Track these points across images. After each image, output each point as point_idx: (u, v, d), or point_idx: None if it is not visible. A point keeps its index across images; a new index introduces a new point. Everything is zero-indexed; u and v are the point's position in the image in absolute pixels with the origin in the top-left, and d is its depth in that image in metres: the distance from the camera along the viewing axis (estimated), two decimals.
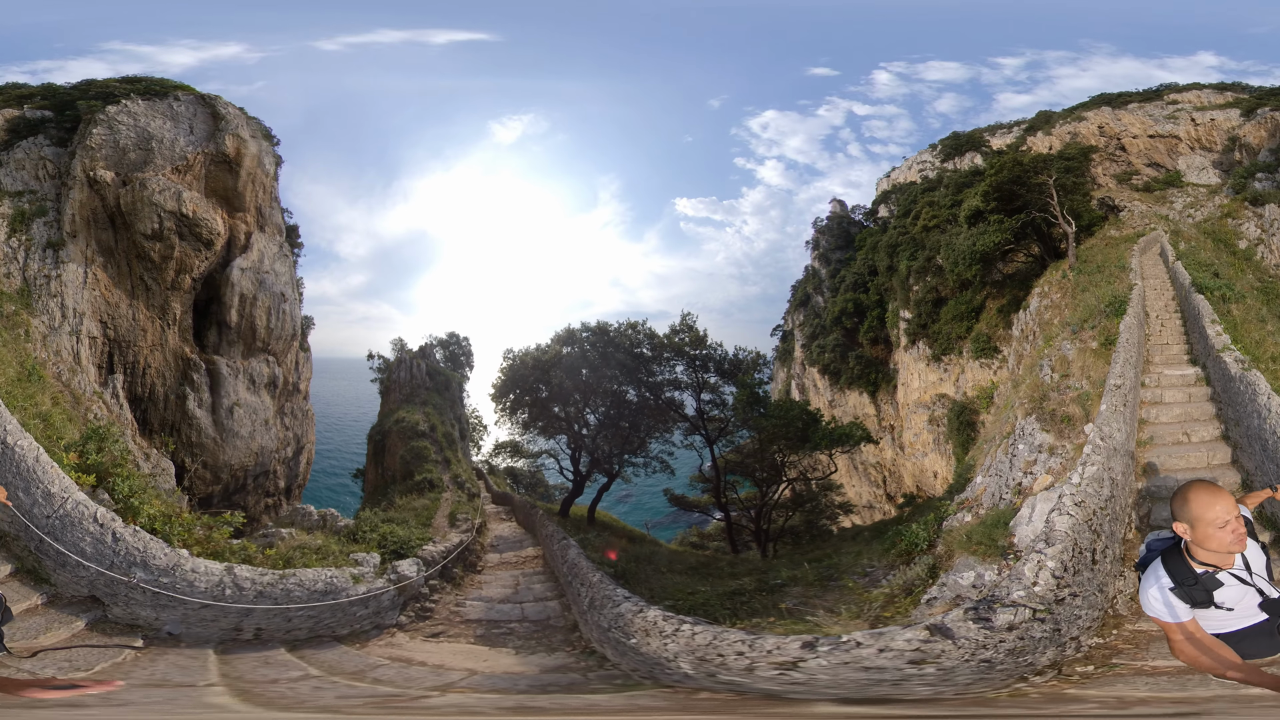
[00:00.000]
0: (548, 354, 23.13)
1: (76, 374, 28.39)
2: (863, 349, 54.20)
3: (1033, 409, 6.42)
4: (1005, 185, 25.08)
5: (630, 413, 23.09)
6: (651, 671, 4.38)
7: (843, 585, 6.82)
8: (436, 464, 31.76)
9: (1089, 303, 11.75)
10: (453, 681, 5.16)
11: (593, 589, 6.11)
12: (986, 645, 2.97)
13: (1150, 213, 35.82)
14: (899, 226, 50.79)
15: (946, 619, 3.12)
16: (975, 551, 4.36)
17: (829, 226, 69.22)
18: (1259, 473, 5.42)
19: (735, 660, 3.54)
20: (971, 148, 55.33)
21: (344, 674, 5.36)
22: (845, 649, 3.10)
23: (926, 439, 43.16)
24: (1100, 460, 4.09)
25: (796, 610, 6.09)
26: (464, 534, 14.49)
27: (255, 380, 37.97)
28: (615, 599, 5.16)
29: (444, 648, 6.56)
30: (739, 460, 27.64)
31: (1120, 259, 21.02)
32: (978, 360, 35.35)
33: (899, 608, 5.15)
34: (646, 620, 4.47)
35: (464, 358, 64.34)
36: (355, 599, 6.90)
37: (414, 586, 8.17)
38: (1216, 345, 8.05)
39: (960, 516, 6.07)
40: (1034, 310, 22.81)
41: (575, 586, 7.43)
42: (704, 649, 3.84)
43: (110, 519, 6.46)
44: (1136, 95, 54.03)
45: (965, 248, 26.70)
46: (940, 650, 2.94)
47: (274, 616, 6.52)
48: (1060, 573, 3.30)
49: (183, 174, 32.38)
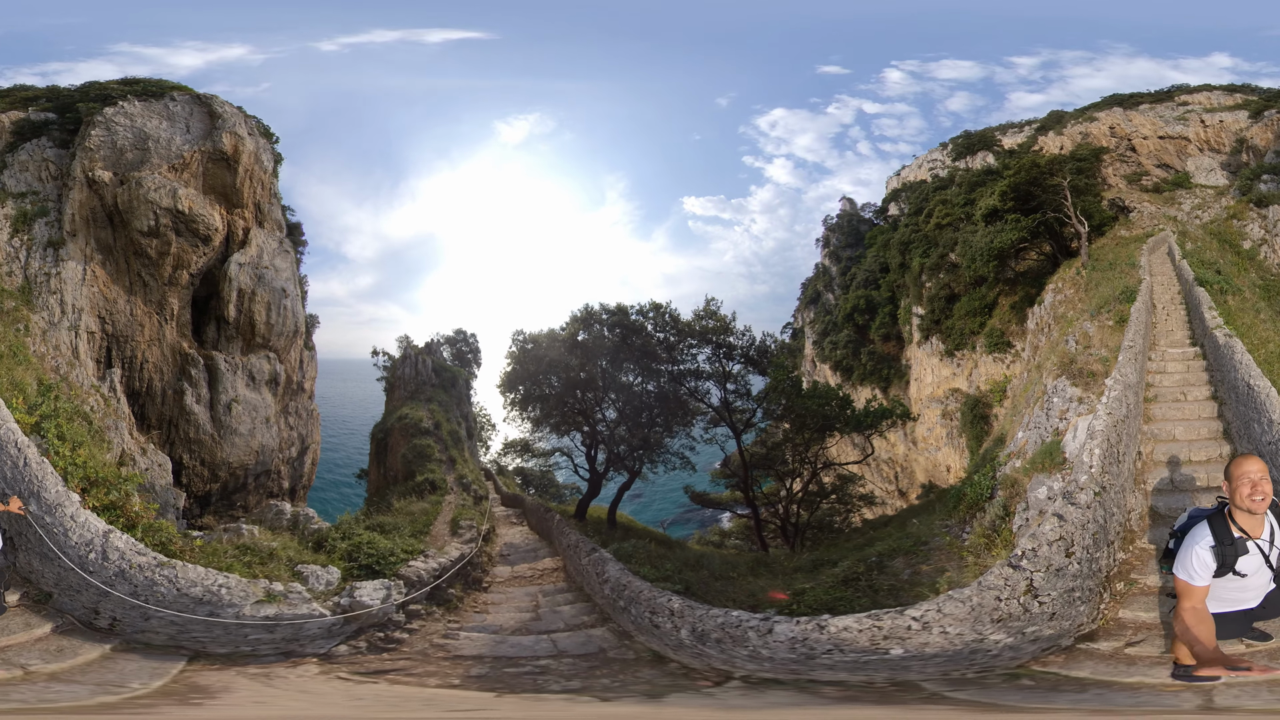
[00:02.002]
0: (563, 335, 21.90)
1: (74, 368, 29.60)
2: (874, 345, 56.17)
3: (1062, 371, 8.28)
4: (1022, 185, 27.06)
5: (653, 404, 22.19)
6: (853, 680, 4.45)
7: (936, 548, 7.23)
8: (441, 463, 31.27)
9: (1104, 292, 13.71)
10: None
11: (701, 617, 5.41)
12: (1084, 517, 4.72)
13: (1159, 214, 37.79)
14: (911, 224, 52.76)
15: (1054, 508, 4.86)
16: (1042, 469, 6.16)
17: (839, 224, 71.16)
18: (1235, 418, 7.34)
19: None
20: (983, 147, 57.27)
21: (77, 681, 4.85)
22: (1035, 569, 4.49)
23: (940, 433, 45.12)
24: (1120, 389, 5.98)
25: (922, 578, 6.46)
26: (467, 544, 12.98)
27: (255, 377, 38.51)
28: (761, 625, 4.90)
29: (371, 691, 5.23)
30: (763, 453, 27.82)
31: (1130, 257, 23.01)
32: (991, 355, 37.30)
33: (1002, 538, 6.30)
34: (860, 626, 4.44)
35: (472, 355, 63.88)
36: (246, 621, 5.85)
37: (377, 614, 6.92)
38: (1211, 325, 9.99)
39: (1012, 463, 7.85)
40: (1048, 305, 24.76)
41: (641, 615, 6.49)
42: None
43: (27, 445, 6.48)
44: (1148, 96, 55.88)
45: (983, 245, 28.68)
46: (1064, 529, 4.56)
47: (129, 609, 5.80)
48: (1103, 459, 5.18)
49: (180, 172, 33.59)
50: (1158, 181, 46.69)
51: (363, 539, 9.50)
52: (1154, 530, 6.12)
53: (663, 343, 22.20)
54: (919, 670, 4.47)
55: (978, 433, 35.12)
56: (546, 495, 44.94)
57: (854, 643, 4.50)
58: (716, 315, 22.40)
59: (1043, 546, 4.35)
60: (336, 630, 6.54)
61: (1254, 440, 6.05)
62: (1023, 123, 61.86)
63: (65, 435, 7.59)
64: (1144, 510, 6.48)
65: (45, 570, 6.17)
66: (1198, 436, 7.47)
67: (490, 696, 5.20)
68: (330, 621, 6.45)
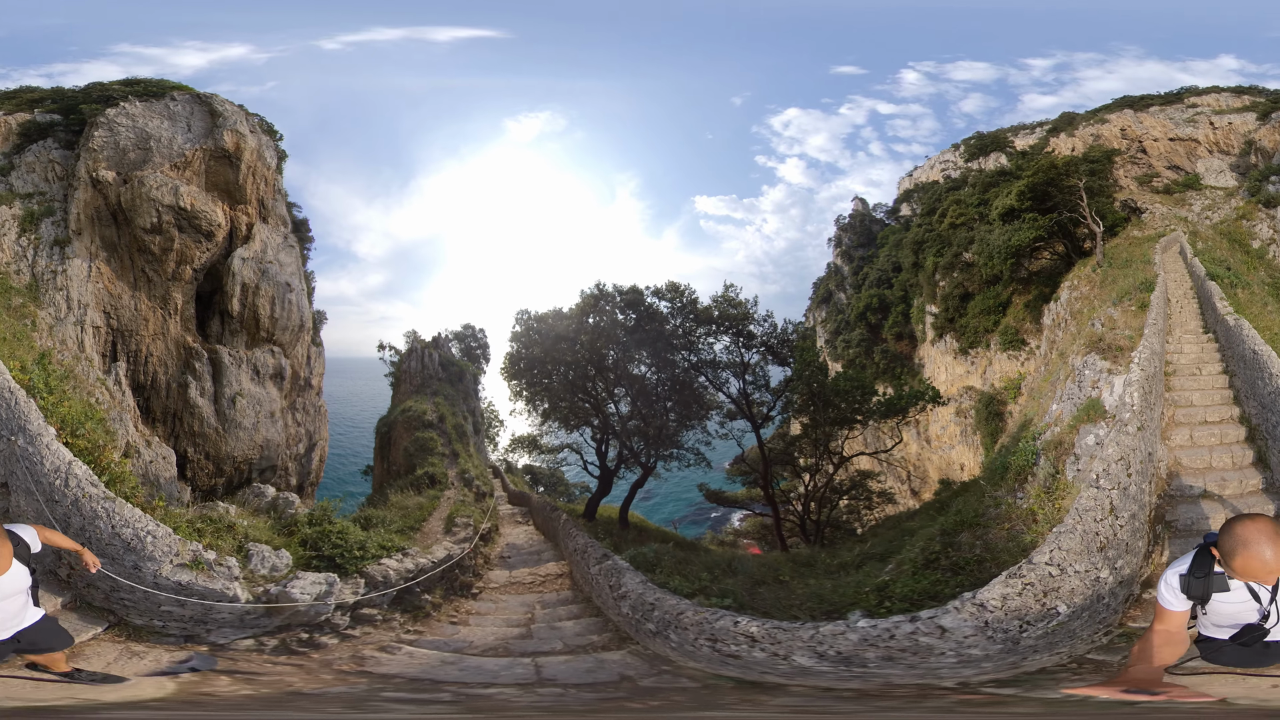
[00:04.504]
0: (572, 313, 20.99)
1: (80, 361, 30.68)
2: (887, 344, 57.98)
3: (1090, 348, 9.89)
4: (1040, 186, 28.86)
5: (669, 394, 21.55)
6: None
7: (996, 518, 7.42)
8: (443, 457, 30.95)
9: (1124, 284, 15.44)
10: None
11: (818, 638, 4.67)
12: (1134, 443, 6.23)
13: (1170, 214, 39.67)
14: (924, 224, 54.65)
15: (1110, 437, 6.40)
16: (1087, 420, 7.67)
17: (851, 224, 73.03)
18: (1243, 383, 8.97)
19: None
20: (996, 148, 59.20)
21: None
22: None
23: (954, 431, 46.83)
24: (1148, 353, 7.61)
25: (999, 545, 6.64)
26: (459, 544, 12.32)
27: (260, 371, 39.12)
28: (925, 625, 4.40)
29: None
30: (781, 449, 28.04)
31: (1145, 255, 24.80)
32: (1005, 352, 39.03)
33: (1059, 489, 7.02)
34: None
35: (480, 351, 63.61)
36: (161, 586, 5.61)
37: (306, 612, 6.36)
38: (1222, 312, 11.68)
39: (1052, 430, 9.39)
40: (1065, 301, 26.49)
41: (694, 642, 5.50)
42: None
43: (18, 389, 7.25)
44: (1158, 98, 57.95)
45: (1001, 243, 30.46)
46: (1122, 449, 6.01)
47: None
48: (1142, 399, 6.78)
49: (181, 170, 34.97)
50: (1169, 183, 48.62)
51: (332, 527, 8.70)
52: (1178, 481, 7.71)
53: (679, 329, 21.41)
54: (1082, 632, 4.52)
55: (993, 429, 36.54)
56: (555, 494, 44.61)
57: (1025, 610, 4.38)
58: (737, 301, 21.85)
59: (1111, 464, 5.67)
60: (251, 621, 5.97)
61: (1258, 396, 7.69)
62: (1034, 124, 63.87)
63: (53, 389, 8.28)
64: (1170, 462, 8.10)
65: (28, 507, 6.48)
66: (1212, 402, 9.12)
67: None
68: (242, 609, 5.91)
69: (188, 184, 34.97)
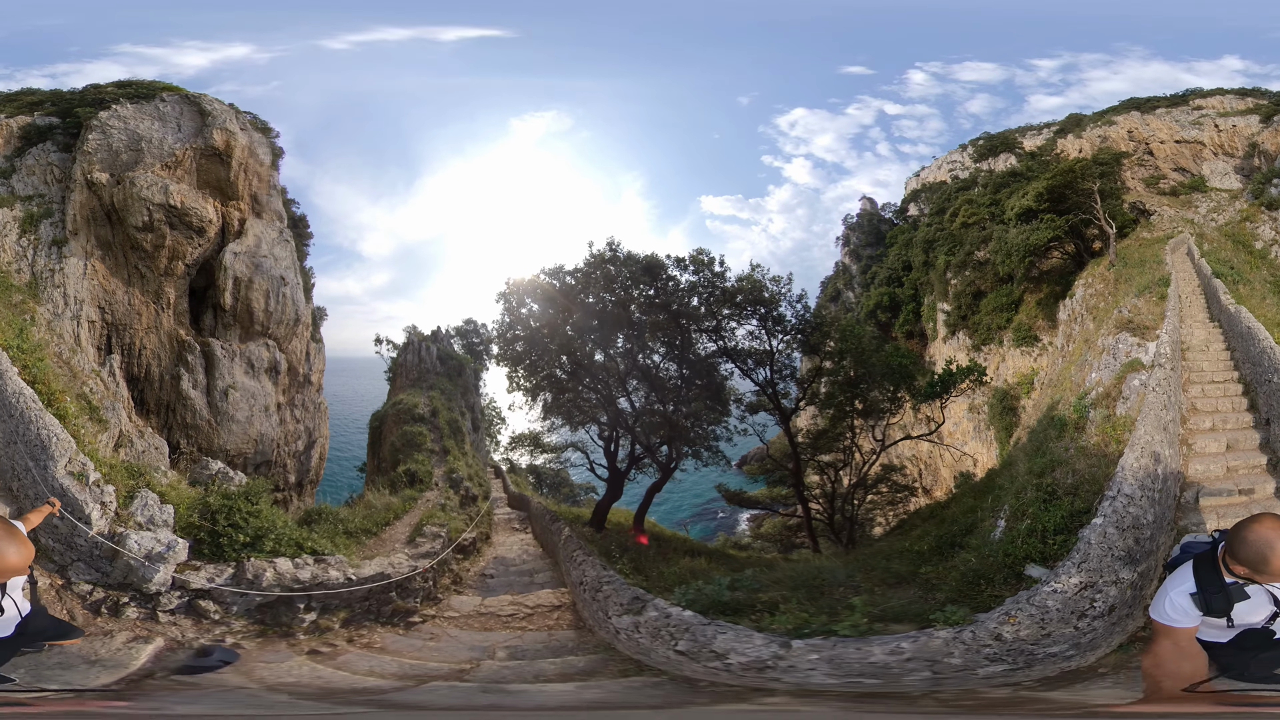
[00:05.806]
0: (577, 271, 18.61)
1: (76, 354, 32.17)
2: (897, 342, 60.38)
3: (1121, 328, 12.27)
4: (1057, 188, 31.35)
5: (691, 382, 19.89)
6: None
7: (1064, 460, 8.37)
8: (431, 454, 28.72)
9: (1142, 280, 17.95)
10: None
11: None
12: (1171, 373, 8.68)
13: (1177, 216, 42.29)
14: (934, 224, 57.05)
15: (1155, 362, 8.79)
16: (1130, 370, 9.98)
17: (860, 224, 75.54)
18: (1242, 355, 11.38)
19: None
20: (1005, 148, 61.68)
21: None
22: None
23: (966, 428, 49.06)
24: (1169, 330, 10.00)
25: (1088, 476, 7.37)
26: (418, 558, 10.04)
27: (254, 364, 39.94)
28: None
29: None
30: (808, 442, 26.97)
31: (1156, 255, 27.34)
32: (1019, 348, 41.45)
33: (1117, 424, 9.01)
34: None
35: (483, 347, 63.74)
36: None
37: (140, 574, 5.83)
38: (1225, 302, 14.13)
39: (1096, 390, 11.69)
40: (1080, 298, 28.97)
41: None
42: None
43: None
44: (1164, 100, 60.33)
45: (1019, 242, 32.94)
46: (1163, 374, 8.49)
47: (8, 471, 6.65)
48: (1171, 347, 9.14)
49: (172, 169, 36.68)
50: (1175, 185, 51.18)
51: (247, 505, 7.84)
52: (1193, 420, 10.10)
53: (702, 308, 19.77)
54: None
55: (1006, 425, 38.63)
56: (558, 495, 43.37)
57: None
58: (763, 283, 20.39)
59: (1159, 382, 8.17)
60: (97, 562, 5.71)
61: (1250, 358, 10.10)
62: (1042, 125, 66.36)
63: (24, 346, 9.80)
64: (1187, 406, 10.50)
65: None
66: (1217, 368, 11.62)
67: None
68: (91, 539, 5.61)
69: (178, 182, 36.62)
